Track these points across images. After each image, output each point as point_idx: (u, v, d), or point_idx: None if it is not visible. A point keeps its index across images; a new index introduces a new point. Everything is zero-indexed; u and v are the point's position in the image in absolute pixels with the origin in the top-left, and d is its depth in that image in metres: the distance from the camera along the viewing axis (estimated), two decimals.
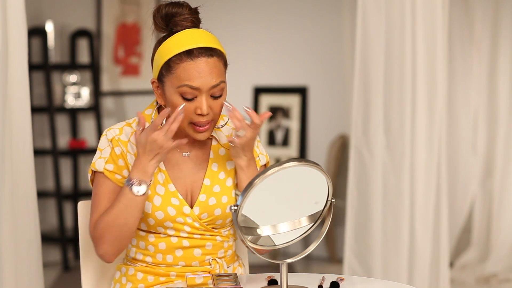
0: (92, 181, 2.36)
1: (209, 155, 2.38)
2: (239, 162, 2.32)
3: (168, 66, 2.25)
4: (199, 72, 2.24)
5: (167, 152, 2.24)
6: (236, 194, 2.35)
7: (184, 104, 2.23)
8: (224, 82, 2.29)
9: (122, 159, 2.31)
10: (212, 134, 2.39)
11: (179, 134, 2.33)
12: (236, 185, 2.36)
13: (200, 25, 2.34)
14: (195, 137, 2.29)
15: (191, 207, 2.32)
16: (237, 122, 2.27)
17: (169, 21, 2.30)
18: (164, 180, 2.32)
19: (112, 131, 2.34)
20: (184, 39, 2.25)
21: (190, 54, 2.24)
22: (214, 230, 2.35)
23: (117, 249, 2.28)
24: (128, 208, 2.24)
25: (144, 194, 2.24)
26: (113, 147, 2.32)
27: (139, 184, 2.24)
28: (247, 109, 2.29)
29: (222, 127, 2.39)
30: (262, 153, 2.44)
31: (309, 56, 6.53)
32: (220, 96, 2.28)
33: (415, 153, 4.07)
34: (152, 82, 2.33)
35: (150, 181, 2.25)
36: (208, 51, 2.26)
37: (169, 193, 2.31)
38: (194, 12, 2.32)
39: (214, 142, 2.39)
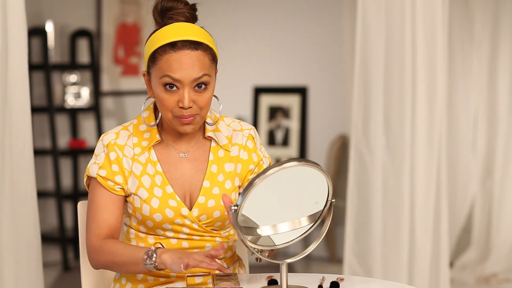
0: (88, 185, 2.36)
1: (208, 157, 2.37)
2: None
3: (153, 57, 2.26)
4: (181, 64, 2.23)
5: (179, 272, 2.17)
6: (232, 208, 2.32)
7: (222, 244, 2.17)
8: (208, 75, 2.26)
9: (117, 164, 2.31)
10: (211, 135, 2.37)
11: (168, 129, 2.33)
12: (238, 187, 2.36)
13: (199, 22, 2.33)
14: (180, 130, 2.27)
15: (190, 208, 2.32)
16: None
17: (164, 15, 2.30)
18: (161, 182, 2.31)
19: (108, 135, 2.34)
20: (171, 32, 2.25)
21: (173, 46, 2.23)
22: (214, 231, 2.35)
23: (107, 269, 2.33)
24: (132, 266, 2.23)
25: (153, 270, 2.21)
26: (108, 153, 2.31)
27: (152, 263, 2.18)
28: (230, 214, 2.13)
29: (212, 125, 2.38)
30: (265, 156, 2.43)
31: (309, 56, 6.53)
32: (205, 89, 2.26)
33: (415, 153, 4.07)
34: (143, 75, 2.34)
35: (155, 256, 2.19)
36: (193, 44, 2.24)
37: (166, 195, 2.30)
38: (190, 8, 2.31)
39: (213, 144, 2.38)
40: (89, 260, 2.33)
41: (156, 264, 2.16)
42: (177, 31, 2.25)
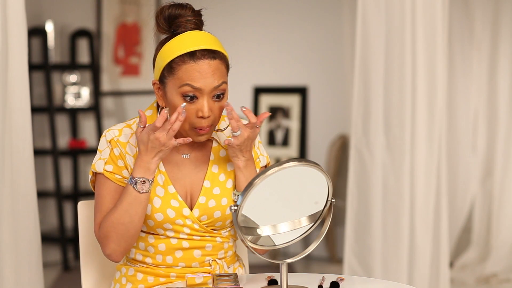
0: (93, 182, 2.36)
1: (209, 157, 2.37)
2: (237, 162, 2.32)
3: (170, 67, 2.25)
4: (201, 73, 2.23)
5: (169, 150, 2.24)
6: (235, 194, 2.35)
7: (185, 104, 2.23)
8: (226, 83, 2.29)
9: (121, 159, 2.31)
10: (213, 135, 2.38)
11: (179, 136, 2.33)
12: (235, 186, 2.36)
13: (203, 27, 2.33)
14: (196, 139, 2.29)
15: (191, 209, 2.32)
16: (234, 122, 2.27)
17: (172, 23, 2.29)
18: (163, 182, 2.32)
19: (111, 132, 2.34)
20: (187, 41, 2.25)
21: (192, 56, 2.24)
22: (214, 231, 2.35)
23: (124, 247, 2.28)
24: (133, 206, 2.24)
25: (148, 191, 2.25)
26: (112, 148, 2.32)
27: (143, 181, 2.24)
28: (243, 109, 2.29)
29: (225, 129, 2.39)
30: (262, 154, 2.44)
31: (309, 56, 6.53)
32: (221, 98, 2.28)
33: (415, 153, 4.07)
34: (154, 84, 2.32)
35: (153, 178, 2.25)
36: (211, 53, 2.26)
37: (168, 195, 2.30)
38: (197, 14, 2.31)
39: (214, 144, 2.39)
40: (107, 255, 2.30)
41: (137, 173, 2.23)
42: (194, 40, 2.25)
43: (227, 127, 2.38)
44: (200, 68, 2.23)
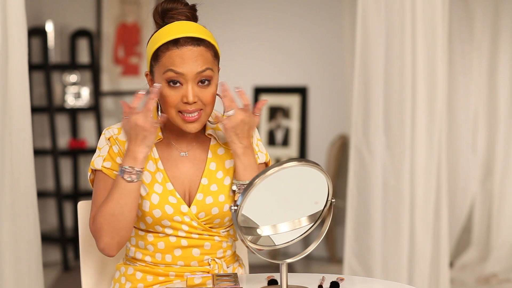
0: (92, 181, 2.36)
1: (207, 155, 2.38)
2: (234, 149, 2.32)
3: (156, 55, 2.28)
4: (183, 59, 2.24)
5: (152, 133, 2.23)
6: (234, 183, 2.34)
7: (160, 84, 2.24)
8: (211, 70, 2.27)
9: (120, 156, 2.32)
10: (211, 133, 2.39)
11: (171, 128, 2.33)
12: (234, 175, 2.37)
13: (200, 22, 2.34)
14: (185, 128, 2.28)
15: (189, 206, 2.33)
16: (227, 101, 2.28)
17: (165, 16, 2.32)
18: (162, 179, 2.32)
19: (111, 130, 2.35)
20: (172, 30, 2.27)
21: (176, 43, 2.25)
22: (212, 229, 2.35)
23: (117, 241, 2.28)
24: (122, 197, 2.24)
25: (136, 181, 2.25)
26: (111, 146, 2.33)
27: (129, 171, 2.24)
28: (236, 90, 2.29)
29: (214, 124, 2.38)
30: (261, 151, 2.44)
31: (309, 56, 6.53)
32: (208, 84, 2.28)
33: (415, 153, 4.07)
34: (146, 75, 2.35)
35: (142, 168, 2.25)
36: (195, 41, 2.26)
37: (166, 192, 2.31)
38: (191, 8, 2.33)
39: (213, 142, 2.39)
40: (100, 250, 2.29)
41: (125, 163, 2.23)
42: (179, 28, 2.27)
43: (215, 123, 2.38)
44: (182, 54, 2.25)
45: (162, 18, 2.32)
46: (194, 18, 2.33)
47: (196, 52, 2.25)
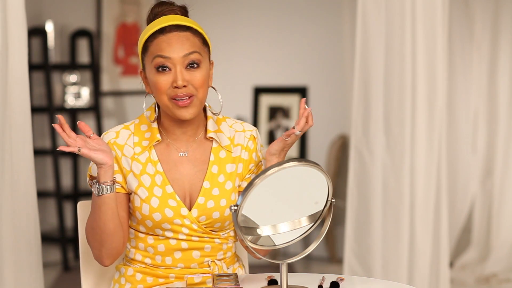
0: (91, 185, 2.36)
1: (209, 157, 2.37)
2: (281, 156, 2.37)
3: (145, 47, 2.29)
4: (170, 44, 2.26)
5: (84, 154, 2.15)
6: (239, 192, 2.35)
7: (59, 118, 2.16)
8: (199, 53, 2.28)
9: (117, 163, 2.32)
10: (213, 136, 2.37)
11: (168, 128, 2.33)
12: (237, 187, 2.37)
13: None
14: (179, 115, 2.27)
15: (190, 209, 2.32)
16: (303, 122, 2.30)
17: (156, 15, 2.34)
18: (161, 182, 2.31)
19: (108, 134, 2.35)
20: (159, 21, 2.29)
21: (162, 31, 2.27)
22: (213, 232, 2.35)
23: (105, 253, 2.29)
24: (95, 210, 2.25)
25: (101, 194, 2.22)
26: None
27: (93, 184, 2.24)
28: (308, 109, 2.32)
29: (218, 114, 2.38)
30: (265, 158, 2.44)
31: (309, 56, 6.53)
32: (197, 67, 2.27)
33: (415, 153, 4.07)
34: (140, 72, 2.36)
35: (105, 182, 2.22)
36: (182, 28, 2.28)
37: (166, 195, 2.30)
38: (182, 7, 2.35)
39: (214, 144, 2.38)
40: (96, 261, 2.34)
41: (92, 181, 2.23)
42: (166, 19, 2.29)
43: (219, 113, 2.38)
44: (168, 39, 2.26)
45: (154, 19, 2.33)
46: (183, 14, 2.35)
47: (182, 37, 2.27)
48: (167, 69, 2.26)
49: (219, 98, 2.36)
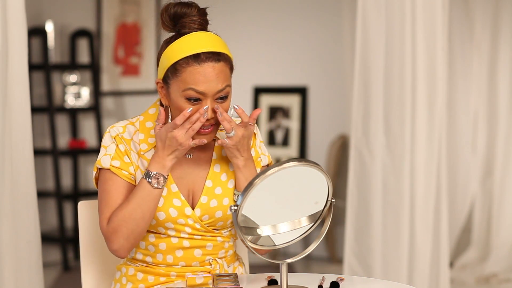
0: (97, 179, 2.35)
1: (212, 156, 2.37)
2: (236, 162, 2.32)
3: (175, 69, 2.25)
4: (205, 77, 2.23)
5: (185, 149, 2.25)
6: (235, 194, 2.35)
7: (208, 105, 2.23)
8: (229, 86, 2.29)
9: (127, 156, 2.32)
10: (216, 135, 2.38)
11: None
12: (235, 185, 2.37)
13: (208, 26, 2.33)
14: (198, 139, 2.28)
15: (193, 208, 2.32)
16: (226, 123, 2.27)
17: (177, 22, 2.28)
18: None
19: (115, 128, 2.34)
20: (192, 43, 2.24)
21: (197, 58, 2.23)
22: (215, 231, 2.35)
23: (132, 243, 2.28)
24: (146, 202, 2.24)
25: (161, 187, 2.25)
26: (118, 144, 2.32)
27: (157, 177, 2.24)
28: (235, 108, 2.29)
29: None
30: (264, 153, 2.44)
31: (309, 56, 6.53)
32: (225, 99, 2.28)
33: (415, 153, 4.07)
34: (157, 83, 2.32)
35: (167, 175, 2.26)
36: (215, 56, 2.25)
37: (171, 194, 2.30)
38: (203, 13, 2.30)
39: (217, 143, 2.39)
40: (113, 251, 2.29)
41: (152, 168, 2.24)
42: (199, 42, 2.24)
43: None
44: (204, 71, 2.23)
45: (174, 23, 2.29)
46: (206, 24, 2.31)
47: (217, 69, 2.24)
48: (199, 100, 2.25)
49: (231, 113, 2.35)
